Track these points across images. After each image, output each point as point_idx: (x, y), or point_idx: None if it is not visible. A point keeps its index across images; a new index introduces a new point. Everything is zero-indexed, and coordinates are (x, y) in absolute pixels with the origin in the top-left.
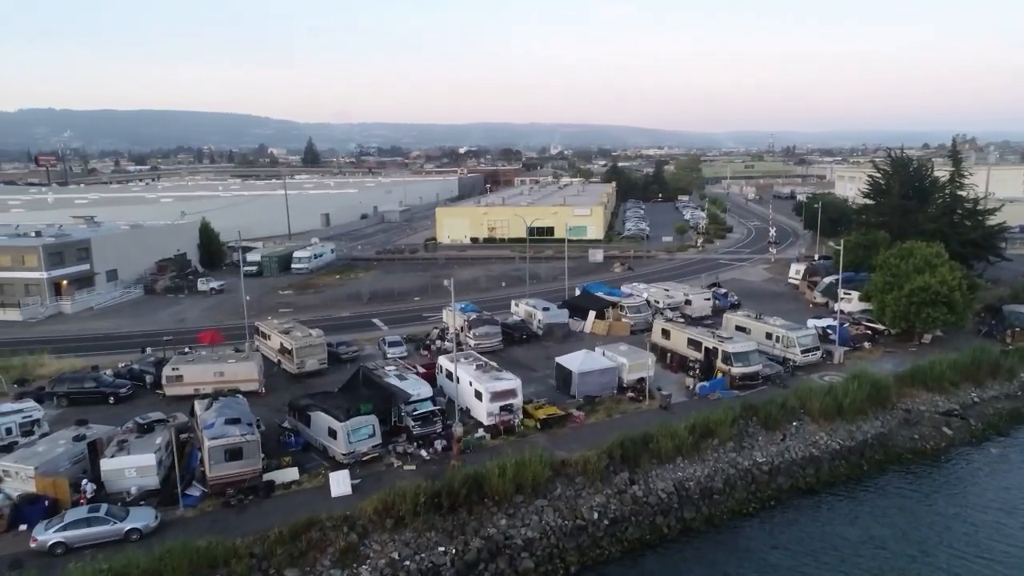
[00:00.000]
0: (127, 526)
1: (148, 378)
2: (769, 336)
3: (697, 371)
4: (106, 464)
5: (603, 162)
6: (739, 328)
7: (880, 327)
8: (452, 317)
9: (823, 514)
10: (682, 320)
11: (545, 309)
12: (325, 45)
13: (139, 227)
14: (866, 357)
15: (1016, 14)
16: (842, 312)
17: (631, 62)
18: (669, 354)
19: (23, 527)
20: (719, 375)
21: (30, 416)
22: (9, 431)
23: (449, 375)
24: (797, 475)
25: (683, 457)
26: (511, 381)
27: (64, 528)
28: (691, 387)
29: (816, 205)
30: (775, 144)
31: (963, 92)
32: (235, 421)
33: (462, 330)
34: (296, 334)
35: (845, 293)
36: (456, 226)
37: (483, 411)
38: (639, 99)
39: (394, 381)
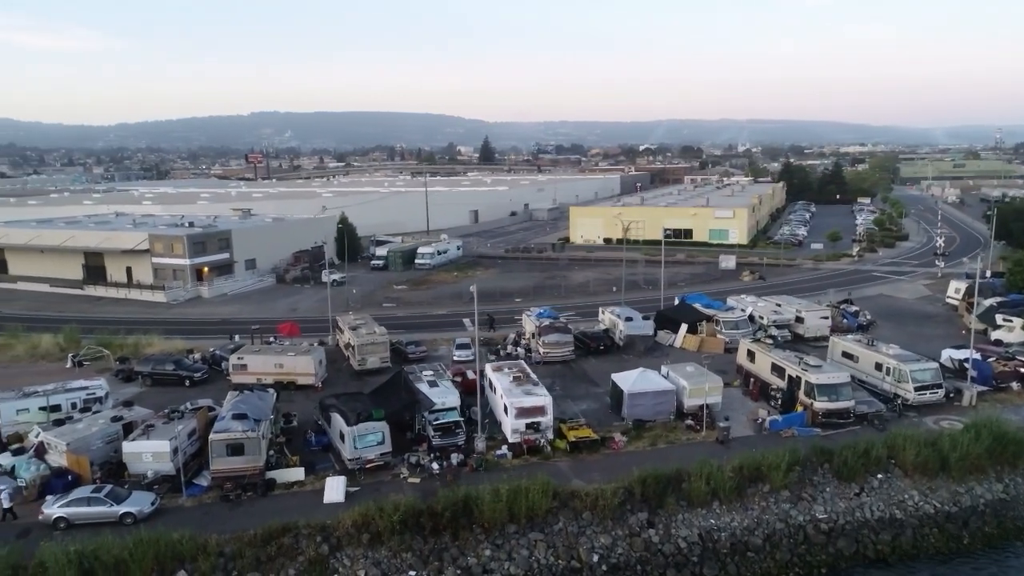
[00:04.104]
0: (121, 509)
1: (224, 364)
2: (879, 367)
3: (779, 401)
4: (127, 447)
5: (793, 159)
6: (845, 354)
7: None
8: (475, 328)
9: None
10: (770, 340)
11: (628, 319)
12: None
13: (280, 220)
14: (1011, 401)
15: None
16: (997, 342)
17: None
18: (752, 379)
19: (49, 498)
20: (800, 408)
21: (93, 393)
22: (74, 405)
23: (490, 384)
24: (867, 540)
25: (721, 502)
26: (541, 397)
27: (68, 504)
28: (760, 420)
29: (990, 212)
30: (1003, 139)
31: None
32: (242, 417)
33: (533, 337)
34: (361, 331)
35: (1005, 319)
36: (589, 226)
37: (508, 427)
38: (844, 93)
39: (424, 387)
